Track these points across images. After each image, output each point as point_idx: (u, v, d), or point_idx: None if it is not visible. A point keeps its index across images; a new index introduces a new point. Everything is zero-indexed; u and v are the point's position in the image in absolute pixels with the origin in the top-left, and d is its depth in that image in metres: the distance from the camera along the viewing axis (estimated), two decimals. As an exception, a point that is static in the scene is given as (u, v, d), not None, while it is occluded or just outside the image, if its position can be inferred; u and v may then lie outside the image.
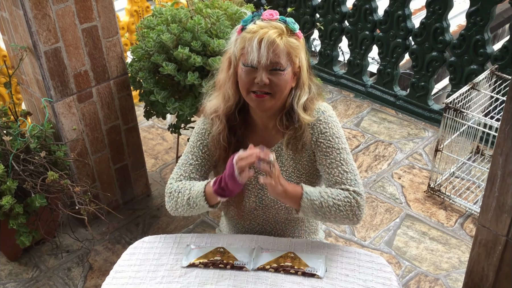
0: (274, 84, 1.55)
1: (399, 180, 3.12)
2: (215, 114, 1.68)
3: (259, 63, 1.52)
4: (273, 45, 1.51)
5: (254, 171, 1.71)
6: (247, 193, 1.75)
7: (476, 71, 3.24)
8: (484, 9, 3.09)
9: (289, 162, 1.71)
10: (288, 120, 1.64)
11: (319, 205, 1.59)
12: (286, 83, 1.58)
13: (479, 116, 2.77)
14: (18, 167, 2.29)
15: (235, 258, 1.66)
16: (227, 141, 1.68)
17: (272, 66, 1.54)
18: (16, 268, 2.63)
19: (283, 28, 1.55)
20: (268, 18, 1.56)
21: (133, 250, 1.78)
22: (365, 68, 3.95)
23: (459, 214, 2.86)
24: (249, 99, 1.60)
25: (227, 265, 1.64)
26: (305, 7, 4.03)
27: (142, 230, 2.84)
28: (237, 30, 1.60)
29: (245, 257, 1.67)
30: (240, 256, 1.67)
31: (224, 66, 1.65)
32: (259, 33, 1.51)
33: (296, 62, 1.59)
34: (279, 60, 1.53)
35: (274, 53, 1.52)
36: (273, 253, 1.68)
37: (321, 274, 1.60)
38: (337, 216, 1.61)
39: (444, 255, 2.63)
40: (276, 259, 1.65)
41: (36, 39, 2.24)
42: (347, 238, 2.74)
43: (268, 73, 1.54)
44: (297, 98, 1.63)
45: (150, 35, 2.44)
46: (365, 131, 3.57)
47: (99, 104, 2.59)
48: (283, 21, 1.57)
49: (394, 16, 3.52)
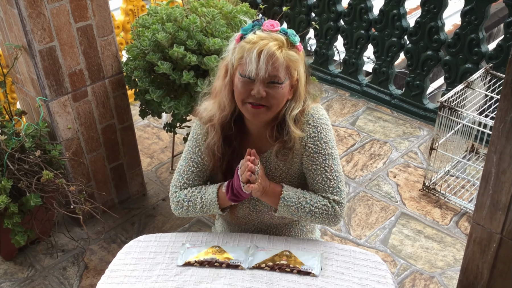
0: (270, 97, 1.52)
1: (394, 179, 3.13)
2: (210, 123, 1.65)
3: (257, 75, 1.48)
4: (272, 58, 1.47)
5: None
6: None
7: (471, 70, 3.25)
8: (478, 8, 3.10)
9: (281, 168, 1.70)
10: (279, 131, 1.62)
11: (295, 210, 1.65)
12: (283, 97, 1.55)
13: (473, 115, 2.78)
14: (13, 166, 2.28)
15: (231, 257, 1.66)
16: (221, 151, 1.66)
17: (270, 79, 1.50)
18: (11, 267, 2.62)
19: (284, 41, 1.51)
20: (268, 29, 1.51)
21: (129, 249, 1.78)
22: (361, 67, 3.96)
23: (454, 212, 2.87)
24: (245, 109, 1.57)
25: (222, 264, 1.64)
26: (301, 6, 4.03)
27: (137, 229, 2.83)
28: (236, 38, 1.56)
29: (240, 255, 1.67)
30: (236, 255, 1.67)
31: (221, 73, 1.61)
32: (259, 45, 1.47)
33: (295, 75, 1.55)
34: (277, 73, 1.50)
35: (273, 66, 1.48)
36: (268, 251, 1.68)
37: (316, 272, 1.61)
38: (313, 220, 1.68)
39: (439, 253, 2.64)
40: (272, 257, 1.66)
41: (30, 38, 2.23)
42: (342, 236, 2.75)
43: (265, 86, 1.51)
44: (290, 110, 1.59)
45: (145, 34, 2.44)
46: (360, 130, 3.57)
47: (94, 103, 2.58)
48: (284, 32, 1.53)
49: (389, 15, 3.52)
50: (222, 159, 1.67)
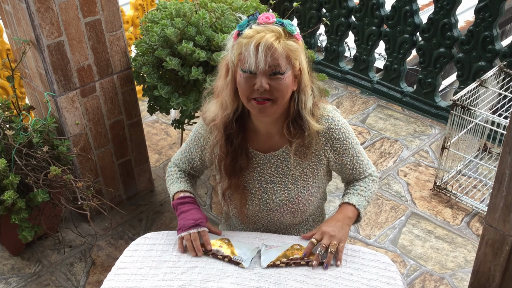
0: (274, 89, 1.50)
1: (404, 178, 3.09)
2: (213, 123, 1.65)
3: (257, 68, 1.47)
4: (270, 49, 1.45)
5: (258, 176, 1.71)
6: (250, 196, 1.73)
7: (484, 68, 3.19)
8: (492, 4, 3.05)
9: (296, 167, 1.68)
10: (295, 128, 1.60)
11: (367, 204, 1.80)
12: (287, 87, 1.53)
13: (487, 114, 2.73)
14: (21, 162, 2.27)
15: (235, 253, 1.65)
16: (224, 151, 1.66)
17: (271, 71, 1.48)
18: (18, 263, 2.62)
19: (281, 31, 1.49)
20: (264, 22, 1.50)
21: (135, 246, 1.77)
22: (372, 64, 3.91)
23: (465, 213, 2.83)
24: (250, 106, 1.55)
25: (225, 257, 1.64)
26: (311, 2, 3.99)
27: (145, 225, 2.82)
28: (233, 35, 1.55)
29: (245, 253, 1.65)
30: (241, 252, 1.65)
31: (222, 73, 1.60)
32: (255, 38, 1.46)
33: (296, 65, 1.53)
34: (278, 63, 1.48)
35: (273, 57, 1.46)
36: (278, 248, 1.67)
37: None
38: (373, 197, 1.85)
39: (450, 254, 2.60)
40: (284, 253, 1.64)
41: (39, 32, 2.22)
42: (351, 236, 2.72)
43: (268, 78, 1.49)
44: (303, 103, 1.58)
45: (154, 29, 2.42)
46: (370, 127, 3.53)
47: (102, 98, 2.57)
48: (280, 23, 1.51)
49: (402, 12, 3.48)
50: (225, 158, 1.66)
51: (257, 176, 1.71)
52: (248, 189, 1.72)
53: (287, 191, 1.70)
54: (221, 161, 1.68)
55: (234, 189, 1.71)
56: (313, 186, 1.71)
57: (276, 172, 1.69)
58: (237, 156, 1.66)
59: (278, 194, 1.71)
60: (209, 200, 2.98)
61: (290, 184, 1.69)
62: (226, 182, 1.71)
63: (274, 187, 1.70)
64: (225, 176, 1.70)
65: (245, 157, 1.66)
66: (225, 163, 1.67)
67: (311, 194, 1.72)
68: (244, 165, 1.68)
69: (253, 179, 1.71)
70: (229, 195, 1.74)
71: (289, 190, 1.70)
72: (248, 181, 1.72)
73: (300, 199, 1.71)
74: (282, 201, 1.71)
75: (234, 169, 1.67)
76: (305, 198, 1.71)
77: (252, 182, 1.71)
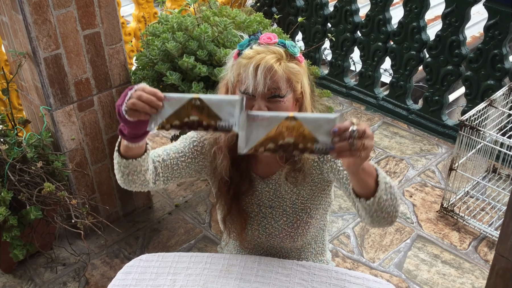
0: None
1: (410, 199, 3.00)
2: (217, 146, 1.57)
3: (255, 90, 1.40)
4: (270, 71, 1.38)
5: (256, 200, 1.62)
6: (249, 221, 1.67)
7: (493, 87, 3.12)
8: (503, 23, 2.98)
9: (292, 190, 1.62)
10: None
11: (388, 188, 1.35)
12: (286, 111, 1.44)
13: (496, 135, 2.65)
14: (14, 177, 2.20)
15: (218, 117, 1.21)
16: (229, 175, 1.57)
17: (270, 94, 1.41)
18: (10, 280, 2.54)
19: (282, 53, 1.43)
20: (265, 42, 1.44)
21: (129, 269, 1.71)
22: (377, 80, 3.84)
23: (473, 237, 2.74)
24: None
25: (208, 127, 1.22)
26: (317, 17, 3.93)
27: (141, 244, 2.74)
28: (233, 55, 1.49)
29: (229, 114, 1.21)
30: (224, 114, 1.21)
31: (221, 92, 1.54)
32: (255, 59, 1.39)
33: (298, 88, 1.46)
34: (278, 86, 1.41)
35: (272, 80, 1.39)
36: (265, 122, 1.18)
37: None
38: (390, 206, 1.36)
39: (457, 280, 2.50)
40: (272, 133, 1.18)
41: (35, 45, 2.16)
42: (355, 259, 2.63)
43: (267, 101, 1.42)
44: None
45: (155, 43, 2.36)
46: (375, 145, 3.45)
47: (100, 113, 2.50)
48: (282, 44, 1.45)
49: (409, 28, 3.41)
50: (230, 183, 1.59)
51: (255, 200, 1.65)
52: (247, 213, 1.66)
53: (286, 215, 1.63)
54: (224, 185, 1.61)
55: (234, 213, 1.64)
56: (312, 208, 1.64)
57: (274, 196, 1.63)
58: (242, 181, 1.60)
59: (277, 219, 1.64)
60: (208, 218, 2.90)
61: (288, 208, 1.63)
62: (226, 207, 1.65)
63: (273, 212, 1.64)
64: (226, 200, 1.64)
65: (248, 181, 1.59)
66: (228, 189, 1.60)
67: (310, 216, 1.65)
68: (245, 189, 1.61)
69: (251, 203, 1.65)
70: (229, 219, 1.68)
71: (288, 214, 1.63)
72: (247, 205, 1.66)
73: (299, 222, 1.64)
74: (281, 225, 1.65)
75: (236, 194, 1.61)
76: (304, 221, 1.64)
77: (251, 206, 1.65)
